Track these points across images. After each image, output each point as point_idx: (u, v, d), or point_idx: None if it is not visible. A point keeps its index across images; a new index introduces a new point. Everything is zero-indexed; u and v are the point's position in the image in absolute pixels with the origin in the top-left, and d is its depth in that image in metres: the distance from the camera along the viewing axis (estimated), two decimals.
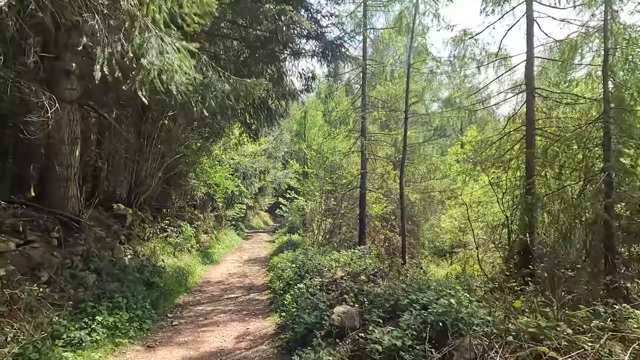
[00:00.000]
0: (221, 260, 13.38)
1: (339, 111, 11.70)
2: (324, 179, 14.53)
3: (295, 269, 7.61)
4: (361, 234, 10.84)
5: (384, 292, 4.57)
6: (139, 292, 6.50)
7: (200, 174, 13.28)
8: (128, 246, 8.58)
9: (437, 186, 11.69)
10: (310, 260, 7.39)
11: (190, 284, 8.95)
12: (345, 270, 6.75)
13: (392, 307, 4.05)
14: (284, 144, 25.28)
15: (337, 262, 7.52)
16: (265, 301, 7.31)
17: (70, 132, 6.65)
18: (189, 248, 12.06)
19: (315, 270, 7.02)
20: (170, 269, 9.17)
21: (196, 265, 11.04)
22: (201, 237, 14.32)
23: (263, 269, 11.55)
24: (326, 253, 8.89)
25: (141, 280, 7.13)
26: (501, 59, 9.49)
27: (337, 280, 6.01)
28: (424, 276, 6.03)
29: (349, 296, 4.81)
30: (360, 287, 5.25)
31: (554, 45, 9.37)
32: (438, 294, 3.98)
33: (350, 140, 13.22)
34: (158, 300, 6.79)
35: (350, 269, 6.67)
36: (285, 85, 10.14)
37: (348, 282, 5.65)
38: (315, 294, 5.47)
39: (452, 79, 10.27)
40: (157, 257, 9.30)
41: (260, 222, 32.76)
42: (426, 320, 3.16)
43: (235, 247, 17.00)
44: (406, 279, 5.33)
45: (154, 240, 10.68)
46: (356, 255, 7.60)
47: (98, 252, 6.61)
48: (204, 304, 7.27)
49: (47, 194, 6.38)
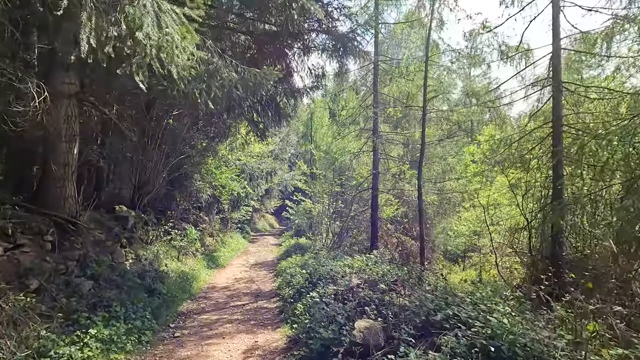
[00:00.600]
0: (227, 264, 12.93)
1: (350, 109, 11.21)
2: (333, 180, 14.04)
3: (306, 275, 7.11)
4: (373, 238, 10.31)
5: (410, 304, 4.05)
6: (139, 300, 6.05)
7: (206, 175, 12.87)
8: (129, 250, 8.17)
9: (452, 187, 11.14)
10: (323, 266, 6.89)
11: (194, 290, 8.49)
12: (361, 277, 6.23)
13: (422, 324, 3.53)
14: (291, 146, 24.85)
15: (351, 267, 7.01)
16: (274, 310, 6.81)
17: (67, 128, 6.25)
18: (193, 252, 11.64)
19: (328, 277, 6.51)
20: (173, 274, 8.73)
21: (201, 270, 10.60)
22: (206, 240, 13.90)
23: (270, 274, 11.07)
24: (338, 258, 8.38)
25: (142, 286, 6.69)
26: (524, 52, 8.94)
27: (353, 288, 5.50)
28: (447, 284, 5.49)
29: (369, 308, 4.29)
30: (381, 298, 4.74)
31: (579, 37, 8.82)
32: (475, 307, 3.45)
33: (360, 140, 12.73)
34: (160, 309, 6.33)
35: (367, 275, 6.15)
36: (294, 82, 9.71)
37: (366, 291, 5.14)
38: (329, 303, 4.96)
39: (468, 75, 9.73)
40: (160, 261, 8.87)
41: (266, 224, 32.32)
42: (474, 344, 2.64)
43: (241, 250, 16.55)
44: (432, 288, 4.80)
45: (158, 244, 10.26)
46: (371, 261, 7.09)
47: (96, 256, 6.18)
48: (209, 313, 6.80)
49: (42, 194, 5.97)
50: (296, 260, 10.28)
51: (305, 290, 6.31)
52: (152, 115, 10.53)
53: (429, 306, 3.66)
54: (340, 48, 8.89)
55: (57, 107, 6.16)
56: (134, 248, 8.48)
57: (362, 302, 4.84)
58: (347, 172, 14.07)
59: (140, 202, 10.75)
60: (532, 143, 9.54)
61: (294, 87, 9.94)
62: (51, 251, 5.19)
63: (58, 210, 5.85)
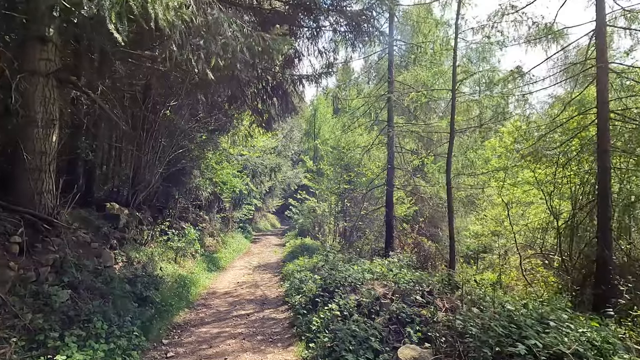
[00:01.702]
0: (228, 266, 12.07)
1: (361, 98, 10.30)
2: (341, 176, 13.17)
3: (320, 281, 6.23)
4: (388, 239, 9.43)
5: (463, 323, 3.17)
6: (127, 311, 5.19)
7: (206, 171, 11.99)
8: (120, 252, 7.30)
9: (471, 184, 10.24)
10: (340, 272, 6.00)
11: (192, 296, 7.62)
12: (385, 284, 5.35)
13: (495, 357, 2.65)
14: (294, 142, 23.96)
15: (371, 273, 6.12)
16: (283, 322, 5.93)
17: (45, 112, 5.39)
18: (192, 253, 10.77)
19: (346, 284, 5.63)
20: (169, 278, 7.87)
21: (200, 273, 9.74)
22: (206, 241, 13.04)
23: (276, 277, 10.20)
24: (353, 261, 7.50)
25: (132, 295, 5.82)
26: (555, 33, 8.05)
27: (380, 299, 4.62)
28: (495, 295, 4.61)
29: (411, 328, 3.41)
30: (418, 313, 3.86)
31: (619, 14, 7.92)
32: (559, 332, 2.57)
33: (371, 133, 11.84)
34: (152, 321, 5.46)
35: (392, 283, 5.27)
36: (303, 67, 8.82)
37: (398, 303, 4.25)
38: (356, 319, 4.08)
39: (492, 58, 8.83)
40: (155, 264, 8.00)
41: (267, 224, 31.48)
42: None
43: (243, 251, 15.68)
44: (480, 302, 3.92)
45: (153, 245, 9.40)
46: (395, 265, 6.20)
47: (77, 260, 5.31)
48: (209, 324, 5.93)
49: (11, 187, 5.10)
50: (304, 263, 9.41)
51: (321, 299, 5.43)
52: (148, 104, 9.65)
53: (497, 331, 2.79)
54: (353, 28, 8.02)
55: (32, 86, 5.31)
56: (126, 250, 7.62)
57: (394, 318, 3.97)
58: (356, 168, 13.19)
59: (134, 199, 9.88)
60: (563, 135, 8.67)
61: (302, 74, 9.06)
62: (19, 255, 4.33)
63: (31, 207, 4.98)
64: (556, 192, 9.58)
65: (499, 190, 10.87)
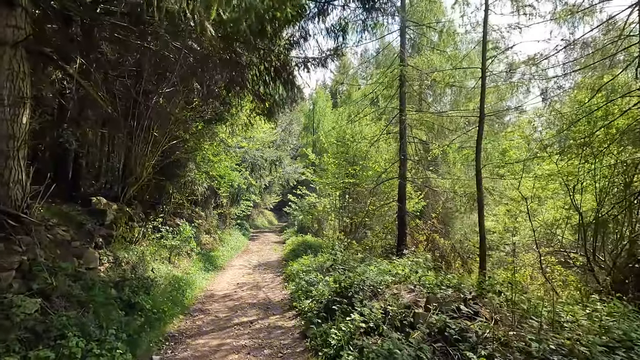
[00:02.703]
0: (226, 265, 11.32)
1: (373, 84, 9.48)
2: (346, 169, 12.42)
3: (334, 284, 5.49)
4: (401, 236, 8.72)
5: (539, 345, 2.45)
6: (111, 322, 4.42)
7: (202, 164, 11.17)
8: (106, 251, 6.51)
9: (487, 176, 9.53)
10: (358, 275, 5.26)
11: (188, 300, 6.87)
12: (410, 288, 4.63)
13: None
14: (293, 136, 23.14)
15: (392, 275, 5.40)
16: (293, 331, 5.19)
17: (12, 87, 4.57)
18: (188, 251, 10.00)
19: (365, 288, 4.90)
20: (162, 280, 7.09)
21: (196, 273, 8.98)
22: (203, 238, 12.26)
23: (278, 277, 9.46)
24: (367, 261, 6.77)
25: (118, 301, 5.05)
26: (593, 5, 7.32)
27: (412, 308, 3.89)
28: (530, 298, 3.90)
29: (472, 352, 2.69)
30: (465, 327, 3.14)
31: None
32: None
33: (378, 124, 11.10)
34: (141, 332, 4.70)
35: (422, 288, 4.56)
36: (310, 48, 8.03)
37: (436, 314, 3.53)
38: (387, 334, 3.35)
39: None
40: (146, 264, 7.22)
41: (264, 221, 30.73)
42: None
43: (241, 249, 14.92)
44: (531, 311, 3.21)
45: (145, 243, 8.62)
46: (419, 266, 5.48)
47: (52, 262, 4.53)
48: (207, 334, 5.18)
49: None
50: (310, 262, 8.68)
51: (338, 306, 4.69)
52: (139, 89, 8.81)
53: None
54: (366, 2, 7.26)
55: None
56: (113, 249, 6.83)
57: (435, 334, 3.23)
58: (361, 161, 12.44)
59: (124, 193, 9.07)
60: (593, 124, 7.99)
61: (308, 56, 8.26)
62: None
63: None
64: (579, 186, 8.93)
65: (517, 184, 10.21)
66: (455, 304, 3.65)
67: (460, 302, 3.70)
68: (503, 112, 7.82)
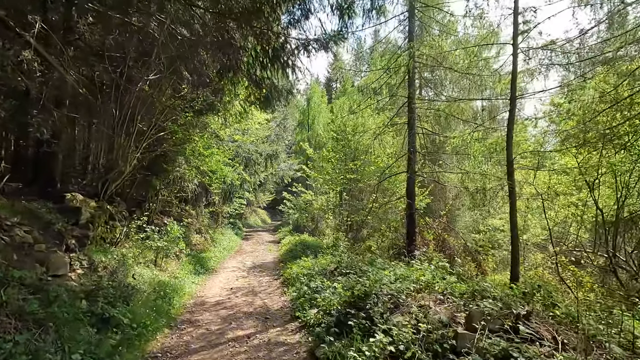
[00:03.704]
0: (219, 267, 10.49)
1: (379, 70, 8.66)
2: (346, 165, 11.68)
3: (345, 292, 4.73)
4: (411, 235, 8.01)
5: None
6: (77, 344, 3.61)
7: (192, 158, 10.30)
8: (80, 255, 5.65)
9: (496, 171, 8.85)
10: (374, 282, 4.50)
11: (175, 309, 6.05)
12: (439, 298, 3.91)
13: None
14: (288, 131, 22.31)
15: (412, 281, 4.66)
16: (298, 349, 4.41)
17: None
18: (176, 253, 9.15)
19: (386, 299, 4.15)
20: (146, 286, 6.26)
21: (186, 277, 8.16)
22: (193, 239, 11.42)
23: (275, 281, 8.69)
24: (379, 264, 6.02)
25: (89, 316, 4.21)
26: None
27: (449, 325, 3.16)
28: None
29: None
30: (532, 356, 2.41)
31: None
32: None
33: (382, 115, 10.37)
34: (114, 354, 3.88)
35: (452, 297, 3.82)
36: (312, 27, 7.21)
37: (485, 335, 2.79)
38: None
39: None
40: (127, 269, 6.37)
41: (257, 220, 29.88)
42: None
43: (234, 249, 14.08)
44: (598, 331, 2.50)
45: (127, 245, 7.76)
46: (442, 270, 4.75)
47: (4, 270, 3.68)
48: (196, 354, 4.39)
49: None
50: (311, 265, 7.92)
51: (354, 320, 3.93)
52: (122, 72, 7.92)
53: None
54: None
55: None
56: (89, 252, 5.97)
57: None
58: (363, 156, 11.72)
59: (105, 189, 8.20)
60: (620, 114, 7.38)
61: (310, 37, 7.47)
62: None
63: None
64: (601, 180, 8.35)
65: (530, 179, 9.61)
66: (506, 321, 2.93)
67: (512, 319, 2.98)
68: (540, 93, 7.09)
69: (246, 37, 6.81)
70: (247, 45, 6.89)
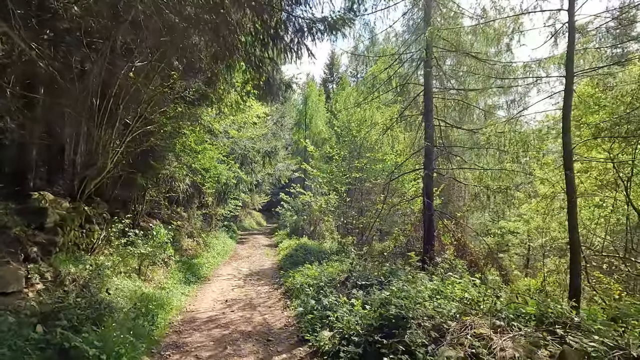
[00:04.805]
0: (212, 275, 9.51)
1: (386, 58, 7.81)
2: (350, 163, 10.81)
3: (372, 313, 3.80)
4: (429, 239, 7.13)
5: None
6: None
7: (183, 154, 9.33)
8: (43, 266, 4.67)
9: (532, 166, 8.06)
10: (406, 300, 3.58)
11: (159, 329, 5.09)
12: (497, 324, 3.02)
13: None
14: (285, 130, 21.39)
15: (449, 298, 3.76)
16: None
17: None
18: (164, 260, 8.17)
19: (427, 324, 3.25)
20: (125, 302, 5.29)
21: (174, 288, 7.20)
22: (184, 243, 10.41)
23: (276, 291, 7.75)
24: (404, 275, 5.10)
25: (42, 348, 3.24)
26: None
27: None
28: None
29: None
30: None
31: None
32: None
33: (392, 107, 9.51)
34: None
35: (514, 323, 2.93)
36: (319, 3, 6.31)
37: None
38: None
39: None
40: (102, 282, 5.39)
41: (252, 222, 28.82)
42: None
43: (229, 254, 13.09)
44: None
45: (107, 251, 6.77)
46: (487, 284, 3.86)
47: None
48: None
49: None
50: (317, 274, 6.97)
51: (387, 351, 3.02)
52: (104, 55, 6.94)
53: None
54: None
55: None
56: (55, 262, 4.98)
57: None
58: (369, 153, 10.86)
59: (82, 188, 7.21)
60: None
61: (315, 17, 6.57)
62: None
63: None
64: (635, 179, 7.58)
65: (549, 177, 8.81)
66: None
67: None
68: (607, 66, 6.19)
69: (244, 13, 5.89)
70: (245, 21, 5.96)
